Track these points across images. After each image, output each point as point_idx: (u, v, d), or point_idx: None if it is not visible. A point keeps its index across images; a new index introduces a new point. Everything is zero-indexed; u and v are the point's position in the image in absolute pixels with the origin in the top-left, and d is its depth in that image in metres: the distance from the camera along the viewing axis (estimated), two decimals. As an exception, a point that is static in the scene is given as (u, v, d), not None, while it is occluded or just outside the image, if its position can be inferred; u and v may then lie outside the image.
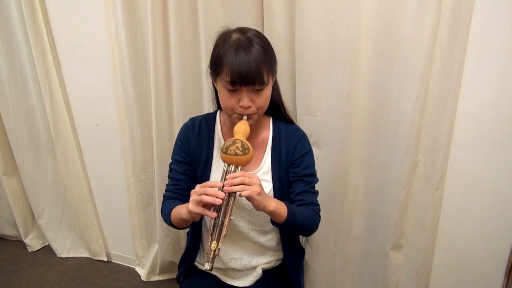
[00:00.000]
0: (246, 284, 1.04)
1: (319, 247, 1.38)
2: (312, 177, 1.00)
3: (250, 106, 0.86)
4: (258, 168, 0.98)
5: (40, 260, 2.06)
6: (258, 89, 0.85)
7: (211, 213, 0.79)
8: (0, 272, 1.96)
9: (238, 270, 1.06)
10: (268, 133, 1.01)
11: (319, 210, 0.99)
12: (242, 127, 0.87)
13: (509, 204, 1.14)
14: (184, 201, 0.94)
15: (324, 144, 1.25)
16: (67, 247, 2.08)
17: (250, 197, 0.79)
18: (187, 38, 1.31)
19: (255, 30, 0.90)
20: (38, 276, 1.92)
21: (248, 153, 0.83)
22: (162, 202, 1.03)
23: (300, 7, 1.10)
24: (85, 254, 2.07)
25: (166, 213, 0.97)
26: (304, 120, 1.24)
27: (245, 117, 0.88)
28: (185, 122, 1.05)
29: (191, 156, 1.01)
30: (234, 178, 0.80)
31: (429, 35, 1.02)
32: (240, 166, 0.85)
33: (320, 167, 1.05)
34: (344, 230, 1.33)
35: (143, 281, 1.86)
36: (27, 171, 1.95)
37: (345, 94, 1.16)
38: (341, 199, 1.29)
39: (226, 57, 0.83)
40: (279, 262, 1.11)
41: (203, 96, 1.40)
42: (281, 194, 0.98)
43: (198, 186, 0.81)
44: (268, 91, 0.90)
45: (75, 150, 1.78)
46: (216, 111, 1.05)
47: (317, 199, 1.00)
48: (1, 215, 2.17)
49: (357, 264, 1.39)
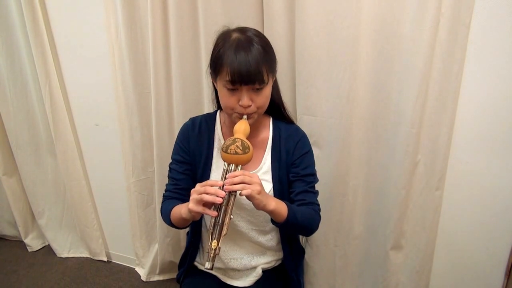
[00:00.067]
0: (246, 284, 1.04)
1: (319, 247, 1.38)
2: (312, 177, 1.00)
3: (250, 105, 0.86)
4: (258, 168, 0.98)
5: (40, 260, 2.05)
6: (258, 88, 0.86)
7: (212, 212, 0.79)
8: (0, 272, 1.96)
9: (238, 270, 1.06)
10: (268, 133, 1.01)
11: (319, 210, 0.99)
12: (242, 126, 0.87)
13: (509, 204, 1.14)
14: (184, 201, 0.93)
15: (324, 144, 1.25)
16: (67, 247, 2.08)
17: (251, 196, 0.79)
18: (187, 38, 1.31)
19: (255, 30, 0.90)
20: (38, 276, 1.92)
21: (248, 152, 0.83)
22: (162, 202, 1.03)
23: (300, 7, 1.10)
24: (85, 254, 2.07)
25: (166, 213, 0.97)
26: (304, 120, 1.24)
27: (245, 116, 0.88)
28: (185, 122, 1.05)
29: (191, 156, 1.01)
30: (235, 177, 0.80)
31: (429, 35, 1.02)
32: (240, 165, 0.84)
33: (320, 167, 1.05)
34: (344, 230, 1.33)
35: (143, 281, 1.86)
36: (27, 171, 1.95)
37: (345, 94, 1.16)
38: (341, 199, 1.29)
39: (226, 57, 0.83)
40: (279, 262, 1.11)
41: (203, 96, 1.40)
42: (281, 194, 0.98)
43: (199, 185, 0.81)
44: (268, 91, 0.90)
45: (75, 150, 1.78)
46: (216, 111, 1.05)
47: (317, 199, 1.00)
48: (1, 215, 2.17)
49: (357, 264, 1.39)
